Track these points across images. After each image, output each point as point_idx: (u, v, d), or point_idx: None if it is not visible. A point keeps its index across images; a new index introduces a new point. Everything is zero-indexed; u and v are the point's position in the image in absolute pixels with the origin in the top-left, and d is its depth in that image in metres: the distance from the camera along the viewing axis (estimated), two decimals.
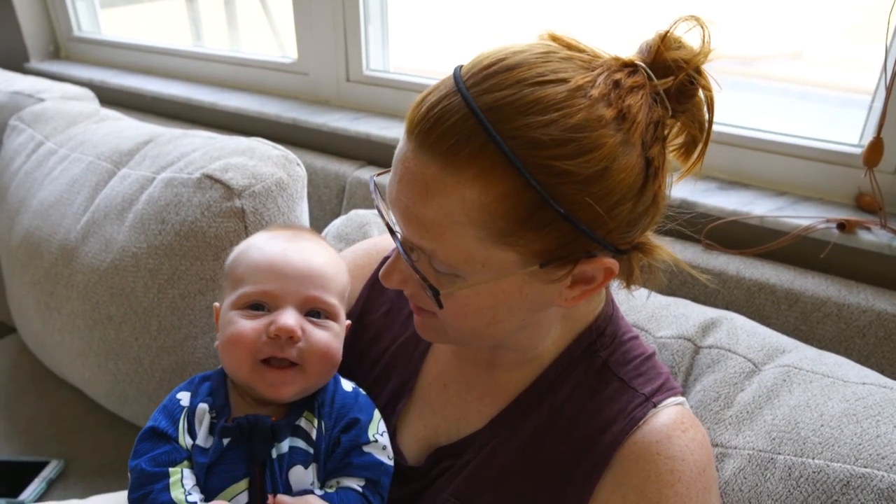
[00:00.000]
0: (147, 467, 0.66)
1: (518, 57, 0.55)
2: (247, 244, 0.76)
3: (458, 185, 0.53)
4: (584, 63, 0.56)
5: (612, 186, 0.54)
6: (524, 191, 0.53)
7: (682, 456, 0.62)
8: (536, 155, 0.52)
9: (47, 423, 1.29)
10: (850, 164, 1.00)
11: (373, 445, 0.71)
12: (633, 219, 0.57)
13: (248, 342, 0.68)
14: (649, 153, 0.56)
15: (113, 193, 1.16)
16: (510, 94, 0.53)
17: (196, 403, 0.71)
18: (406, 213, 0.58)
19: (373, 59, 1.49)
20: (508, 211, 0.53)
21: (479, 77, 0.54)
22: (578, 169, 0.52)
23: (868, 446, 0.64)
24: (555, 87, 0.53)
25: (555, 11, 1.40)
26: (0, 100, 1.53)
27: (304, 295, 0.69)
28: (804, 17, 1.15)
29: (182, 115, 1.73)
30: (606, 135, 0.53)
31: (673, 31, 0.58)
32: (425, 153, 0.55)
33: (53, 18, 2.07)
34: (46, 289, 1.20)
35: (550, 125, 0.52)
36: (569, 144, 0.52)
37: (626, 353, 0.69)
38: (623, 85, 0.55)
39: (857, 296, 0.90)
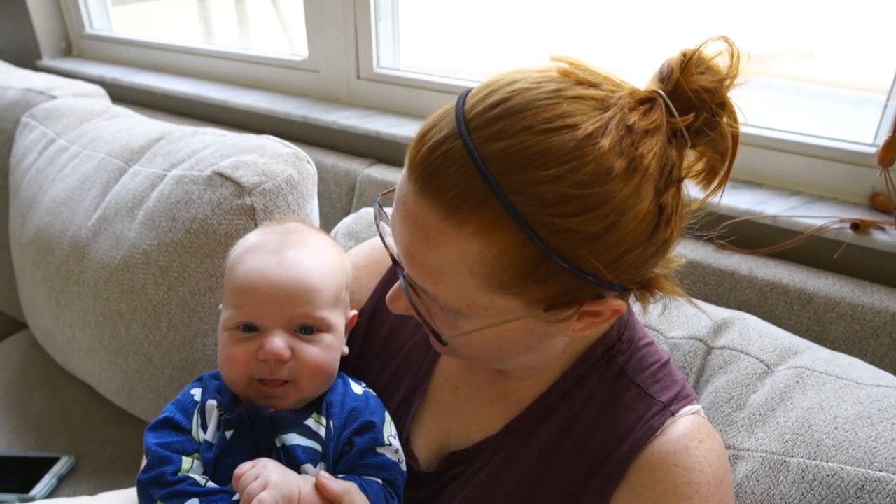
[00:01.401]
0: (159, 451, 0.68)
1: (525, 97, 0.51)
2: (236, 255, 0.74)
3: (459, 239, 0.52)
4: (597, 103, 0.52)
5: (620, 238, 0.52)
6: (527, 246, 0.51)
7: (700, 467, 0.61)
8: (540, 212, 0.50)
9: (58, 419, 1.30)
10: (865, 163, 0.99)
11: (386, 448, 0.71)
12: (641, 262, 0.55)
13: (241, 366, 0.69)
14: (662, 199, 0.53)
15: (124, 190, 1.16)
16: (515, 143, 0.50)
17: (205, 400, 0.72)
18: (408, 254, 0.56)
19: (383, 56, 1.49)
20: (511, 265, 0.52)
21: (483, 120, 0.51)
22: (583, 226, 0.50)
23: (883, 449, 0.63)
24: (562, 135, 0.50)
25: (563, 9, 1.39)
26: (12, 97, 1.54)
27: (290, 314, 0.69)
28: (816, 15, 1.14)
29: (193, 112, 1.73)
30: (615, 189, 0.50)
31: (697, 54, 0.54)
32: (426, 199, 0.52)
33: (65, 16, 2.08)
34: (57, 285, 1.21)
35: (556, 181, 0.49)
36: (574, 201, 0.50)
37: (643, 359, 0.68)
38: (637, 129, 0.51)
39: (871, 296, 0.89)
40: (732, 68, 0.55)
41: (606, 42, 1.39)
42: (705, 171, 0.58)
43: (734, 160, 0.57)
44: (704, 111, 0.54)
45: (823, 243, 0.96)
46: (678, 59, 0.55)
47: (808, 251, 0.97)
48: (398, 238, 0.57)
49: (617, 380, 0.67)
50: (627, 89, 0.54)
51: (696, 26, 1.26)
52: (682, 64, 0.54)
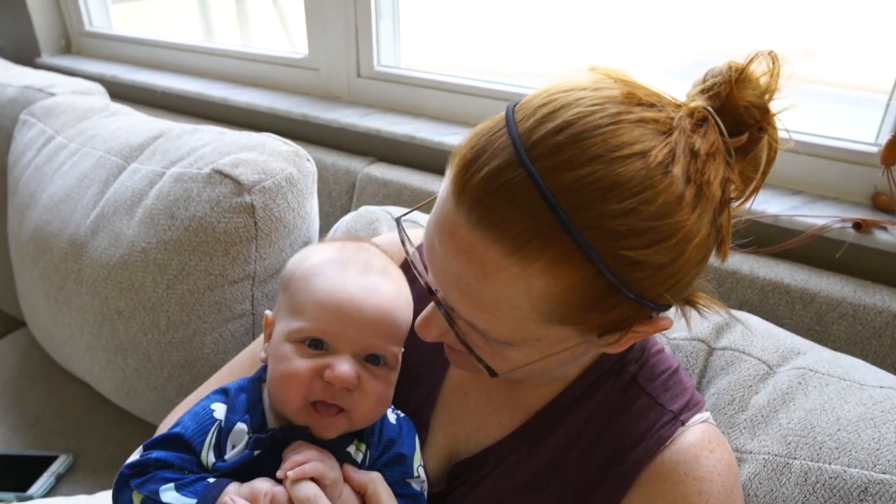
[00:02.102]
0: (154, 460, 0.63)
1: (589, 122, 0.48)
2: (312, 265, 0.68)
3: (524, 275, 0.49)
4: (660, 125, 0.50)
5: (683, 265, 0.51)
6: (597, 280, 0.49)
7: (710, 477, 0.60)
8: (612, 245, 0.48)
9: (56, 417, 1.29)
10: (867, 163, 0.99)
11: (414, 479, 0.70)
12: (692, 281, 0.55)
13: (302, 383, 0.63)
14: (718, 222, 0.52)
15: (123, 188, 1.16)
16: (585, 174, 0.47)
17: (234, 421, 0.66)
18: (457, 288, 0.53)
19: (384, 54, 1.48)
20: (577, 300, 0.50)
21: (547, 148, 0.48)
22: (654, 258, 0.49)
23: (886, 451, 0.63)
24: (633, 163, 0.47)
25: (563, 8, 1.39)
26: (11, 94, 1.54)
27: (367, 343, 0.64)
28: (817, 14, 1.14)
29: (192, 110, 1.73)
30: (683, 218, 0.49)
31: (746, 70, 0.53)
32: (486, 234, 0.49)
33: (65, 13, 2.07)
34: (56, 283, 1.20)
35: (629, 214, 0.47)
36: (646, 234, 0.48)
37: (654, 367, 0.67)
38: (700, 153, 0.50)
39: (873, 296, 0.89)
40: (773, 82, 0.54)
41: (605, 41, 1.38)
42: (739, 180, 0.56)
43: (769, 172, 0.56)
44: (754, 129, 0.53)
45: (825, 243, 0.95)
46: (727, 73, 0.53)
47: (810, 251, 0.96)
48: (442, 270, 0.54)
49: (628, 388, 0.66)
50: (685, 109, 0.52)
51: (697, 26, 1.25)
52: (735, 79, 0.52)
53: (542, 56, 1.48)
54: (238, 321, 1.09)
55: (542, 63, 1.49)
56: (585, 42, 1.41)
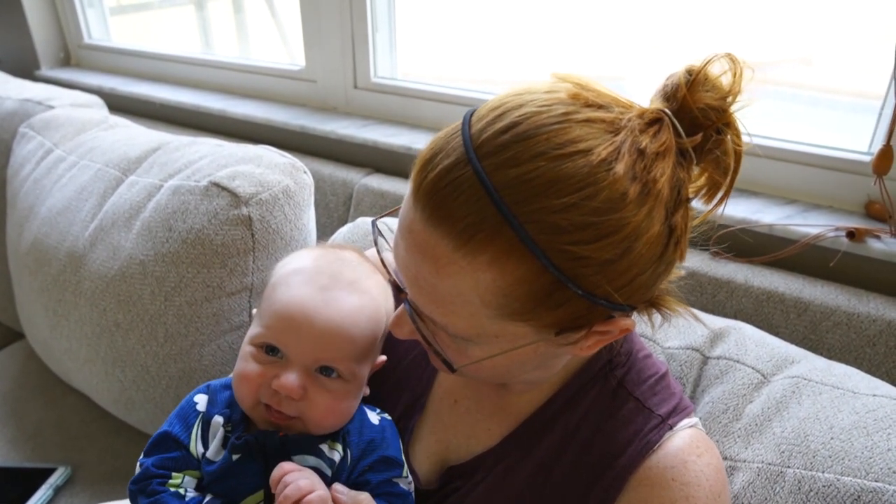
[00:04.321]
0: (153, 468, 0.68)
1: (535, 121, 0.50)
2: (282, 274, 0.71)
3: (471, 269, 0.51)
4: (608, 126, 0.51)
5: (633, 262, 0.51)
6: (542, 274, 0.50)
7: (698, 482, 0.61)
8: (555, 240, 0.49)
9: (54, 429, 1.29)
10: (860, 171, 0.99)
11: (401, 479, 0.71)
12: (651, 282, 0.55)
13: (251, 386, 0.67)
14: (672, 221, 0.53)
15: (121, 201, 1.17)
16: (528, 170, 0.49)
17: (212, 413, 0.70)
18: (416, 284, 0.55)
19: (380, 66, 1.49)
20: (525, 294, 0.51)
21: (494, 146, 0.50)
22: (599, 253, 0.50)
23: (879, 460, 0.63)
24: (576, 161, 0.49)
25: (561, 17, 1.40)
26: (10, 107, 1.54)
27: (316, 356, 0.67)
28: (814, 21, 1.15)
29: (190, 122, 1.73)
30: (629, 214, 0.49)
31: (702, 72, 0.54)
32: (436, 229, 0.51)
33: (64, 26, 2.08)
34: (54, 296, 1.21)
35: (571, 209, 0.48)
36: (589, 229, 0.49)
37: (641, 371, 0.68)
38: (648, 152, 0.51)
39: (866, 305, 0.89)
40: (735, 85, 0.54)
41: (604, 49, 1.39)
42: (707, 187, 0.57)
43: (736, 177, 0.57)
44: (711, 130, 0.54)
45: (819, 252, 0.96)
46: (684, 76, 0.54)
47: (804, 260, 0.97)
48: (404, 267, 0.56)
49: (616, 393, 0.67)
50: (636, 110, 0.53)
51: (695, 33, 1.26)
52: (689, 82, 0.53)
53: (540, 66, 1.49)
54: (236, 333, 1.09)
55: (540, 73, 1.50)
56: (584, 50, 1.42)
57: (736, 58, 0.54)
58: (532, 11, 1.44)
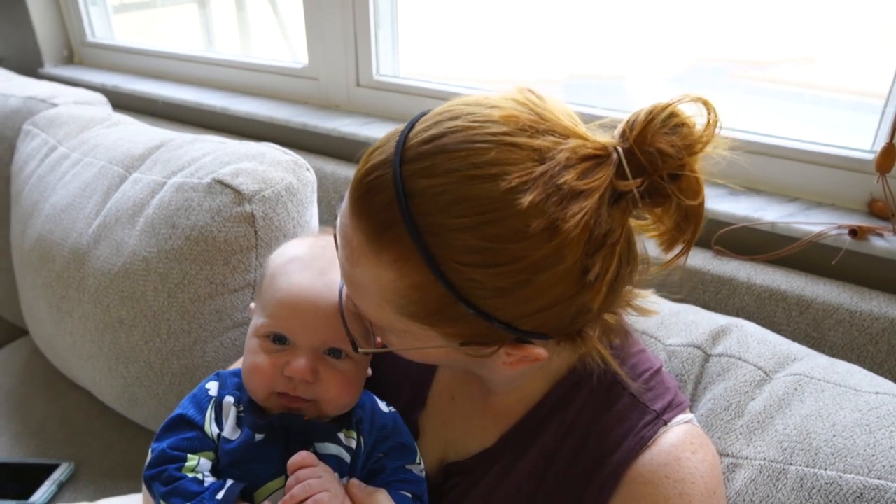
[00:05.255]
0: (168, 450, 0.68)
1: (460, 136, 0.50)
2: (279, 264, 0.73)
3: (377, 264, 0.53)
4: (534, 153, 0.49)
5: (535, 294, 0.50)
6: (435, 286, 0.51)
7: (692, 479, 0.61)
8: (451, 257, 0.49)
9: (58, 425, 1.30)
10: (863, 169, 0.99)
11: (415, 466, 0.72)
12: (566, 318, 0.53)
13: (265, 378, 0.68)
14: (588, 262, 0.50)
15: (124, 198, 1.17)
16: (438, 183, 0.49)
17: (223, 395, 0.72)
18: (341, 265, 0.58)
19: (383, 64, 1.50)
20: (420, 300, 0.52)
21: (416, 153, 0.51)
22: (492, 280, 0.49)
23: (882, 457, 0.63)
24: (485, 184, 0.48)
25: (563, 17, 1.40)
26: (14, 105, 1.55)
27: (323, 338, 0.68)
28: (816, 20, 1.14)
29: (193, 119, 1.74)
30: (529, 247, 0.48)
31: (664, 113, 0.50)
32: (354, 219, 0.53)
33: (67, 24, 2.09)
34: (58, 292, 1.21)
35: (469, 231, 0.48)
36: (485, 253, 0.49)
37: (635, 367, 0.68)
38: (566, 189, 0.48)
39: (869, 303, 0.89)
40: (705, 135, 0.51)
41: (605, 49, 1.39)
42: (664, 237, 0.54)
43: (695, 237, 0.53)
44: (656, 176, 0.51)
45: (821, 249, 0.96)
46: (643, 115, 0.51)
47: (807, 257, 0.97)
48: (338, 248, 0.58)
49: (610, 388, 0.67)
50: (573, 143, 0.50)
51: (696, 33, 1.26)
52: (644, 122, 0.50)
53: (542, 63, 1.49)
54: (239, 329, 1.10)
55: (542, 70, 1.50)
56: (584, 49, 1.42)
57: (711, 104, 0.51)
58: (534, 10, 1.44)
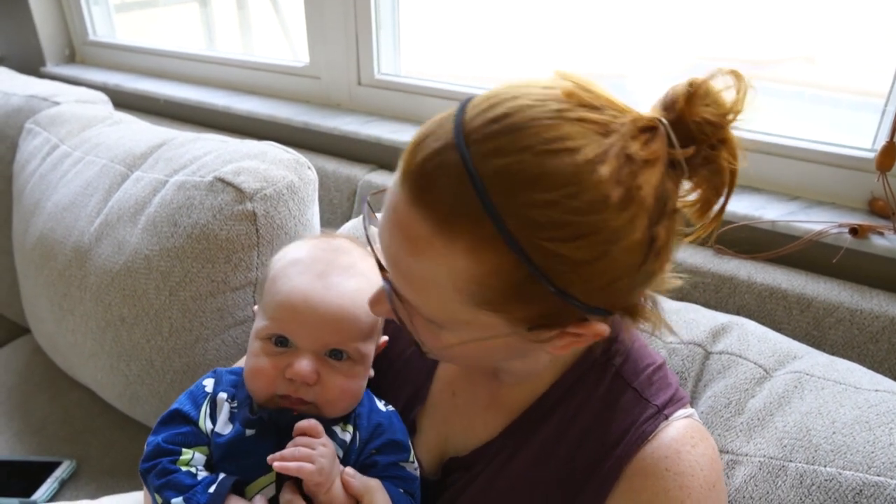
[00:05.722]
0: (163, 443, 0.69)
1: (527, 114, 0.50)
2: (280, 267, 0.73)
3: (448, 254, 0.51)
4: (599, 127, 0.50)
5: (609, 266, 0.51)
6: (517, 267, 0.50)
7: (692, 472, 0.61)
8: (533, 235, 0.49)
9: (60, 423, 1.30)
10: (863, 168, 0.99)
11: (408, 464, 0.72)
12: (628, 289, 0.55)
13: (267, 380, 0.69)
14: (654, 231, 0.52)
15: (126, 196, 1.17)
16: (513, 161, 0.48)
17: (217, 391, 0.73)
18: (394, 262, 0.56)
19: (384, 63, 1.50)
20: (498, 285, 0.51)
21: (482, 135, 0.50)
22: (575, 252, 0.49)
23: (881, 454, 0.63)
24: (562, 158, 0.48)
25: (564, 15, 1.40)
26: (16, 103, 1.55)
27: (325, 340, 0.69)
28: (817, 19, 1.15)
29: (195, 118, 1.74)
30: (609, 218, 0.49)
31: (704, 86, 0.53)
32: (417, 210, 0.51)
33: (69, 23, 2.09)
34: (60, 290, 1.22)
35: (552, 206, 0.48)
36: (568, 227, 0.49)
37: (638, 361, 0.68)
38: (636, 159, 0.50)
39: (869, 301, 0.89)
40: (737, 103, 0.54)
41: (606, 48, 1.39)
42: (700, 203, 0.56)
43: (729, 197, 0.56)
44: (705, 145, 0.53)
45: (822, 248, 0.96)
46: (684, 88, 0.53)
47: (807, 256, 0.97)
48: (385, 244, 0.56)
49: (613, 382, 0.67)
50: (630, 116, 0.52)
51: (697, 32, 1.26)
52: (688, 94, 0.53)
53: (542, 62, 1.49)
54: (240, 328, 1.10)
55: (542, 69, 1.50)
56: (585, 48, 1.42)
57: (741, 75, 0.54)
58: (535, 9, 1.45)
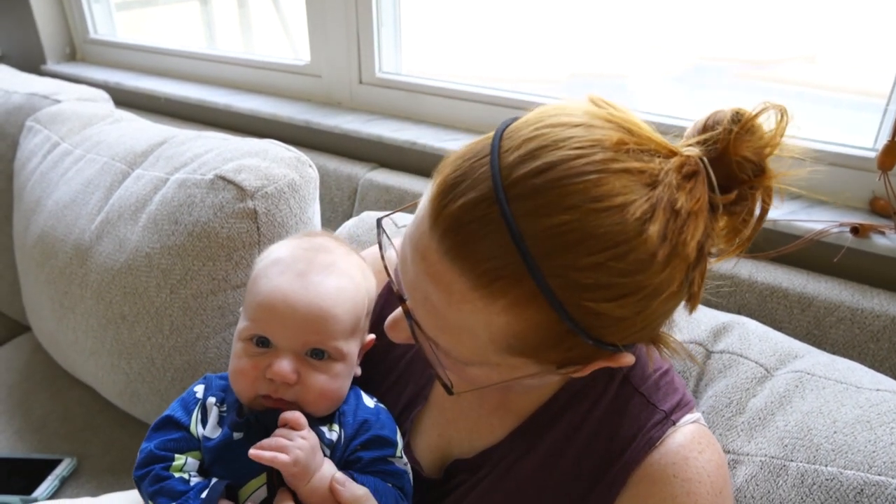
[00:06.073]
0: (155, 450, 0.70)
1: (572, 166, 0.47)
2: (262, 267, 0.73)
3: (486, 310, 0.49)
4: (646, 178, 0.48)
5: (647, 316, 0.51)
6: (557, 324, 0.49)
7: (699, 478, 0.61)
8: (577, 296, 0.48)
9: (60, 421, 1.30)
10: (865, 167, 0.99)
11: (396, 459, 0.72)
12: (658, 326, 0.55)
13: (247, 380, 0.70)
14: (691, 277, 0.51)
15: (127, 194, 1.17)
16: (559, 223, 0.46)
17: (207, 396, 0.74)
18: (424, 306, 0.54)
19: (385, 61, 1.50)
20: (536, 339, 0.51)
21: (525, 189, 0.47)
22: (616, 311, 0.49)
23: (882, 453, 0.63)
24: (610, 216, 0.46)
25: (565, 15, 1.40)
26: (17, 101, 1.55)
27: (304, 339, 0.69)
28: (818, 19, 1.14)
29: (196, 116, 1.74)
30: (653, 275, 0.48)
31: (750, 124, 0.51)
32: (455, 264, 0.49)
33: (70, 21, 2.09)
34: (61, 288, 1.22)
35: (598, 268, 0.47)
36: (612, 289, 0.47)
37: (646, 366, 0.68)
38: (682, 212, 0.48)
39: (870, 300, 0.89)
40: (775, 136, 0.52)
41: (607, 47, 1.39)
42: (727, 230, 0.55)
43: (758, 230, 0.55)
44: (745, 185, 0.52)
45: (823, 247, 0.96)
46: (729, 125, 0.51)
47: (808, 255, 0.97)
48: (412, 287, 0.54)
49: (621, 388, 0.67)
50: (675, 161, 0.50)
51: (698, 32, 1.26)
52: (733, 134, 0.51)
53: (543, 62, 1.49)
54: None
55: (543, 69, 1.50)
56: (586, 48, 1.42)
57: (786, 110, 0.52)
58: (536, 9, 1.44)
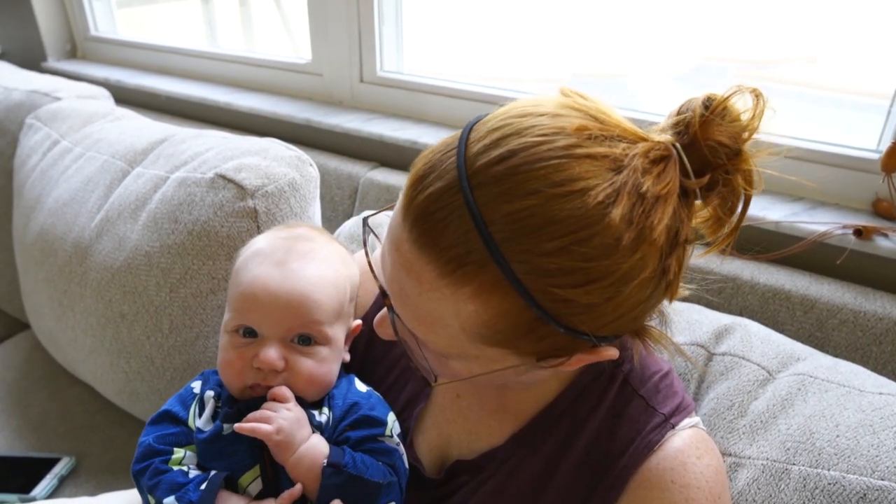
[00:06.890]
0: (154, 443, 0.70)
1: (534, 153, 0.47)
2: (242, 260, 0.75)
3: (454, 298, 0.50)
4: (611, 163, 0.48)
5: (620, 304, 0.50)
6: (524, 311, 0.49)
7: (697, 484, 0.61)
8: (541, 281, 0.48)
9: (59, 419, 1.30)
10: (868, 169, 0.99)
11: (386, 438, 0.72)
12: (638, 317, 0.54)
13: (236, 371, 0.70)
14: (666, 264, 0.51)
15: (127, 192, 1.17)
16: (521, 208, 0.47)
17: (204, 391, 0.74)
18: (400, 298, 0.55)
19: (387, 60, 1.49)
20: (505, 326, 0.51)
21: (488, 176, 0.48)
22: (585, 297, 0.48)
23: (885, 458, 0.63)
24: (572, 201, 0.46)
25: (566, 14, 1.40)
26: (17, 98, 1.55)
27: (288, 325, 0.70)
28: (820, 20, 1.14)
29: (196, 114, 1.74)
30: (620, 260, 0.48)
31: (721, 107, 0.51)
32: (423, 253, 0.50)
33: (70, 18, 2.08)
34: (60, 286, 1.21)
35: (561, 253, 0.47)
36: (577, 273, 0.47)
37: (646, 368, 0.68)
38: (649, 196, 0.48)
39: (873, 303, 0.89)
40: (753, 121, 0.52)
41: (607, 47, 1.39)
42: (712, 220, 0.55)
43: (743, 219, 0.55)
44: (720, 170, 0.52)
45: (826, 249, 0.96)
46: (700, 109, 0.51)
47: (811, 257, 0.96)
48: (390, 280, 0.55)
49: (621, 390, 0.66)
50: (642, 147, 0.50)
51: (698, 31, 1.26)
52: (705, 118, 0.51)
53: (545, 61, 1.48)
54: None
55: (544, 68, 1.50)
56: (587, 47, 1.42)
57: (761, 93, 0.51)
58: (537, 8, 1.44)
